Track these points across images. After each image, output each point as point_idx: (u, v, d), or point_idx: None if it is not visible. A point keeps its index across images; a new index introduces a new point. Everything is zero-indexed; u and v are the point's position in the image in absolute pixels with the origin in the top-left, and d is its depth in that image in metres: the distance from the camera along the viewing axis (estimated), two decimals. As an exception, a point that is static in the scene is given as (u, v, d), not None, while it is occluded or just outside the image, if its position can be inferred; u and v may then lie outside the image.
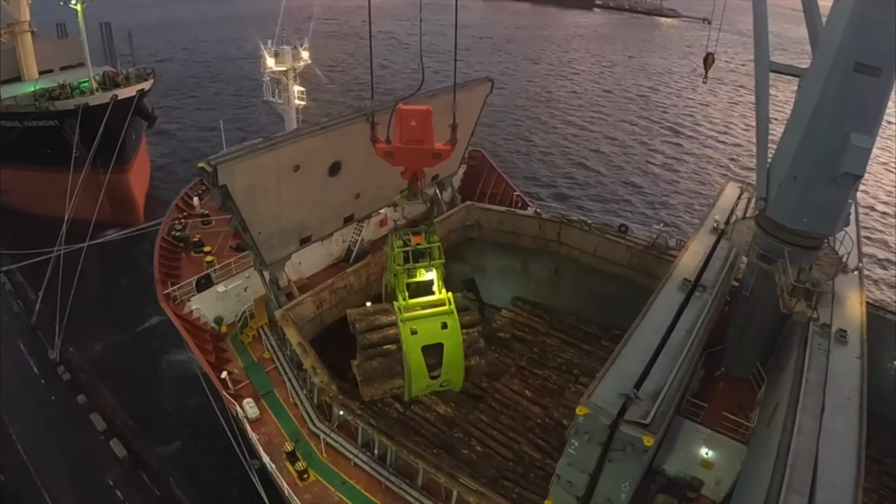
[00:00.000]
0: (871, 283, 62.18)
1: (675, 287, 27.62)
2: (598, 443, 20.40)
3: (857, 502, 17.93)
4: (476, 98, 41.13)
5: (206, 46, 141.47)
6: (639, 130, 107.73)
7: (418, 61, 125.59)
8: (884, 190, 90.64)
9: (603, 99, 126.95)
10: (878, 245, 73.90)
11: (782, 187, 26.02)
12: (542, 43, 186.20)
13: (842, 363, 23.77)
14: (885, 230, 79.22)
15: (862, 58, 22.52)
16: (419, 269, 21.60)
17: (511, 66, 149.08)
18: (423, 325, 21.35)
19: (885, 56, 22.39)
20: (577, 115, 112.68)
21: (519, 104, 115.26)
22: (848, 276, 29.20)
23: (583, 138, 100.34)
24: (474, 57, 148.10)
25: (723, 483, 25.93)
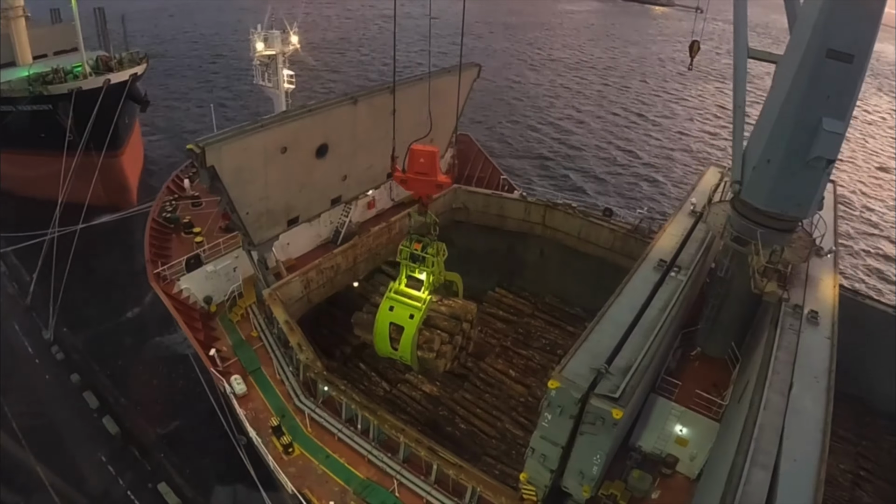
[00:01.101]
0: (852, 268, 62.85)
1: (650, 267, 27.86)
2: (569, 416, 20.71)
3: (819, 477, 18.14)
4: (463, 82, 41.08)
5: (199, 31, 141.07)
6: (627, 117, 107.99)
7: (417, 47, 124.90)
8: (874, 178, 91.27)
9: (592, 85, 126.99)
10: (860, 233, 74.44)
11: (756, 170, 26.21)
12: (535, 30, 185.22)
13: (812, 343, 24.00)
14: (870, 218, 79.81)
15: (834, 44, 22.62)
16: (416, 268, 25.15)
17: (502, 52, 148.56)
18: (399, 308, 25.05)
19: (857, 43, 22.53)
20: (567, 101, 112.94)
21: (509, 90, 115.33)
22: (823, 258, 29.51)
23: (571, 124, 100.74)
24: (467, 43, 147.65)
25: (697, 460, 26.12)
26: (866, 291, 50.10)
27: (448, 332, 25.49)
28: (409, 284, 25.65)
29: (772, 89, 26.18)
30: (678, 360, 31.23)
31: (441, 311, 25.85)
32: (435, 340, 24.93)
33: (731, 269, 29.33)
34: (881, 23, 22.54)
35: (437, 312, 25.76)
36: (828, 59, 22.85)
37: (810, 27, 23.12)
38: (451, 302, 26.74)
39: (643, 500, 25.35)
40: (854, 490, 29.64)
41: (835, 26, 22.51)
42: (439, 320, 25.60)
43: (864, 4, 22.15)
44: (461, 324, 26.14)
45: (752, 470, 17.97)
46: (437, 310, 25.76)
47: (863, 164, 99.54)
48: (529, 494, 23.19)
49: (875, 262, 68.54)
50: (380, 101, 33.86)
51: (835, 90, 23.35)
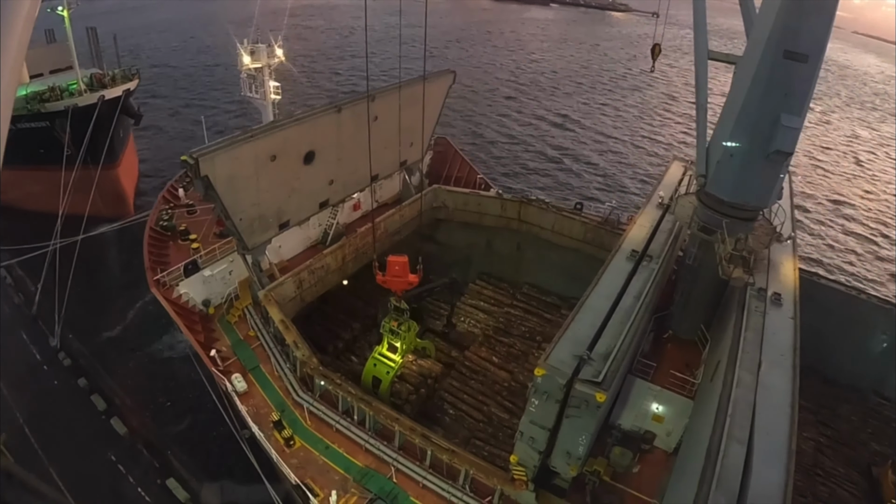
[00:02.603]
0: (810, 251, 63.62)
1: (623, 258, 27.79)
2: (555, 401, 20.62)
3: (791, 448, 18.22)
4: (439, 89, 41.08)
5: (188, 46, 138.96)
6: (592, 116, 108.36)
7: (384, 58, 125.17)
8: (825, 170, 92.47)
9: (560, 87, 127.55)
10: (813, 219, 75.54)
11: (720, 164, 26.27)
12: (504, 37, 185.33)
13: (777, 323, 24.11)
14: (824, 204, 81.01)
15: (790, 45, 22.76)
16: (394, 339, 31.18)
17: (475, 58, 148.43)
18: (380, 365, 31.30)
19: (811, 44, 22.69)
20: (537, 102, 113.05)
21: (483, 94, 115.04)
22: (783, 244, 29.56)
23: (542, 124, 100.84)
24: (441, 50, 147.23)
25: (673, 435, 26.30)
26: (821, 272, 50.56)
27: (415, 385, 31.08)
28: (389, 349, 31.33)
29: (732, 88, 26.18)
30: (652, 343, 31.32)
31: (412, 370, 31.73)
32: (403, 392, 30.60)
33: (698, 257, 29.42)
34: (833, 26, 22.74)
35: (409, 370, 31.63)
36: (785, 60, 23.00)
37: (767, 30, 23.24)
38: (423, 362, 32.54)
39: (625, 475, 25.51)
40: (817, 456, 30.04)
41: (790, 29, 22.66)
42: (410, 377, 31.33)
43: (817, 9, 22.30)
44: (427, 380, 31.80)
45: (728, 444, 17.98)
46: (410, 368, 31.71)
47: (815, 156, 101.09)
48: (520, 475, 23.12)
49: (827, 246, 69.65)
50: (362, 108, 33.72)
51: (791, 88, 23.49)
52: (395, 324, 30.67)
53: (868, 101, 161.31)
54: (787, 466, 17.55)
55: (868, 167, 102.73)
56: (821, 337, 32.21)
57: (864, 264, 66.83)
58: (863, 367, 33.27)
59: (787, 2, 22.47)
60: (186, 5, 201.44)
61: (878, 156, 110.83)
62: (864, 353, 33.02)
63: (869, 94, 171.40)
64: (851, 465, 30.15)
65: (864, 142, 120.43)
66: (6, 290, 47.71)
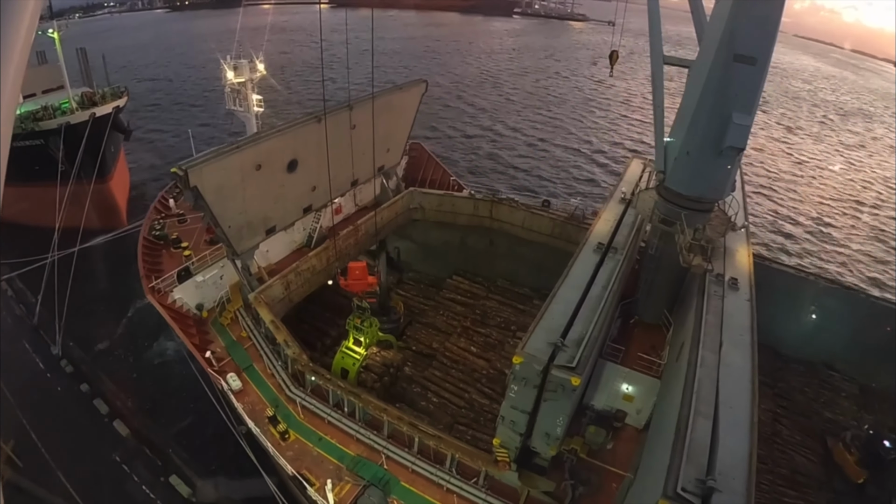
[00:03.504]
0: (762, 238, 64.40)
1: (591, 250, 27.74)
2: (533, 386, 20.49)
3: (753, 420, 18.29)
4: (412, 97, 40.82)
5: (174, 63, 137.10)
6: (557, 118, 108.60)
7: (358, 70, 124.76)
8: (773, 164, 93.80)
9: (525, 93, 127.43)
10: (765, 208, 76.65)
11: (677, 161, 26.46)
12: (471, 46, 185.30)
13: (735, 306, 24.25)
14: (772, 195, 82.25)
15: (740, 49, 22.97)
16: (357, 334, 31.79)
17: (445, 66, 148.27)
18: (347, 357, 31.58)
19: (759, 47, 22.93)
20: (504, 109, 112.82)
21: (454, 101, 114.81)
22: (737, 233, 29.76)
23: (509, 129, 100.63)
24: (410, 61, 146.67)
25: (642, 412, 26.34)
26: (771, 256, 51.24)
27: (379, 374, 31.30)
28: (354, 342, 31.89)
29: (687, 90, 26.32)
30: (620, 328, 31.41)
31: (376, 360, 31.92)
32: (368, 381, 30.84)
33: (660, 247, 29.54)
34: (779, 31, 22.96)
35: (373, 361, 31.82)
36: (735, 63, 23.21)
37: (718, 36, 23.40)
38: (385, 353, 32.53)
39: (600, 452, 25.54)
40: (775, 425, 30.41)
41: (740, 35, 22.88)
42: (374, 367, 31.55)
43: (764, 16, 22.49)
44: (389, 369, 32.04)
45: (695, 419, 17.99)
46: (374, 359, 31.89)
47: (763, 151, 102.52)
48: (503, 456, 22.99)
49: (777, 232, 70.71)
50: (341, 118, 33.48)
51: (742, 88, 23.69)
52: (358, 321, 31.20)
53: (805, 98, 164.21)
54: (750, 437, 17.61)
55: (803, 155, 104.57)
56: (774, 316, 32.66)
57: (812, 248, 67.95)
58: (813, 342, 33.69)
59: (735, 9, 22.67)
60: (172, 25, 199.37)
61: (813, 146, 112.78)
62: (815, 330, 33.45)
63: (805, 91, 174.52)
64: (806, 433, 30.54)
65: (801, 130, 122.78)
66: (8, 302, 46.59)
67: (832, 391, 33.06)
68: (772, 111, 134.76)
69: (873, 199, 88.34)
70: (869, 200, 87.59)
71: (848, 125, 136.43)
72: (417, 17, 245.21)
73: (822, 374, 33.90)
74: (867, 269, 65.02)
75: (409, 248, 42.56)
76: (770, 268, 34.02)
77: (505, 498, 23.37)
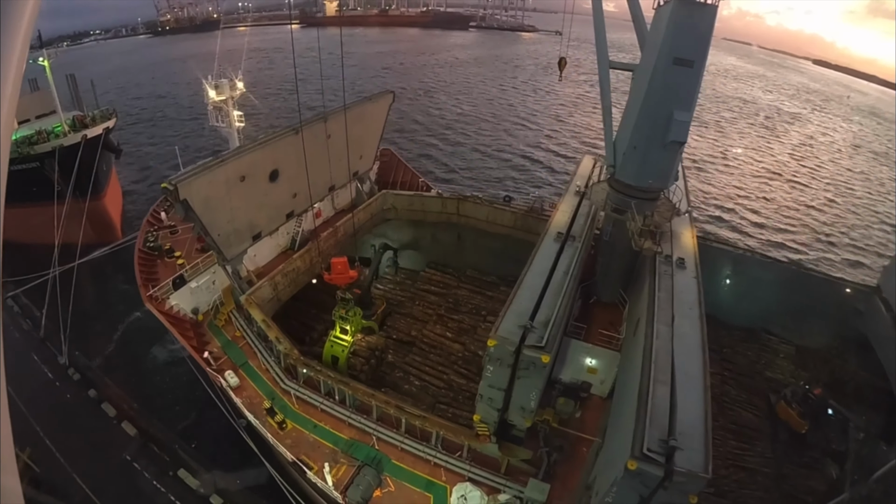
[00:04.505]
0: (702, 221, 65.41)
1: (551, 239, 27.72)
2: (507, 365, 20.45)
3: (706, 384, 18.51)
4: (381, 108, 40.55)
5: (159, 85, 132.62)
6: (512, 122, 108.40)
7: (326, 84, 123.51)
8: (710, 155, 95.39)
9: (483, 99, 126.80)
10: (703, 194, 77.94)
11: (625, 156, 26.55)
12: (434, 57, 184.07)
13: (683, 283, 24.50)
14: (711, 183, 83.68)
15: (678, 53, 23.18)
16: (343, 323, 31.21)
17: (411, 76, 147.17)
18: (335, 345, 30.84)
19: (695, 51, 23.19)
20: (466, 115, 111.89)
21: (420, 109, 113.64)
22: (681, 217, 30.07)
23: (471, 132, 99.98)
24: (379, 73, 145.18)
25: (605, 383, 26.65)
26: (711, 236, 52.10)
27: (366, 358, 30.89)
28: (341, 331, 31.30)
29: (632, 91, 26.43)
30: (581, 309, 31.43)
31: (362, 346, 31.40)
32: (357, 365, 30.42)
33: (613, 234, 29.67)
34: (712, 36, 23.20)
35: (360, 347, 31.30)
36: (674, 66, 23.37)
37: (658, 42, 23.58)
38: (370, 339, 32.09)
39: (569, 420, 25.79)
40: (723, 386, 30.88)
41: (678, 40, 23.08)
42: (361, 352, 31.09)
43: (699, 23, 22.71)
44: (375, 352, 31.68)
45: (655, 386, 18.10)
46: (360, 345, 31.37)
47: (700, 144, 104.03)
48: (483, 430, 23.00)
49: (714, 215, 71.97)
50: (317, 129, 33.07)
51: (681, 89, 23.88)
52: (343, 311, 30.95)
53: (730, 94, 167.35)
54: (704, 399, 17.77)
55: (732, 142, 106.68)
56: (718, 290, 33.16)
57: (743, 225, 69.36)
58: (752, 311, 34.26)
59: (674, 18, 22.85)
60: (156, 50, 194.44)
61: (737, 137, 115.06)
62: (753, 300, 34.01)
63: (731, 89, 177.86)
64: (751, 392, 31.09)
65: (727, 121, 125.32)
66: (14, 317, 44.86)
67: (771, 353, 33.72)
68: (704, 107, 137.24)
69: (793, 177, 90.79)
70: (790, 177, 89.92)
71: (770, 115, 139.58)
72: (382, 33, 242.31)
73: (762, 338, 34.54)
74: (793, 243, 66.67)
75: (383, 243, 42.32)
76: (712, 247, 34.52)
77: (487, 468, 23.44)
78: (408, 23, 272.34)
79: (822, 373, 31.98)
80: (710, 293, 24.81)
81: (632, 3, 26.54)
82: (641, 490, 16.00)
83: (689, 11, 22.58)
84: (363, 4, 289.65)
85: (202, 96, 36.53)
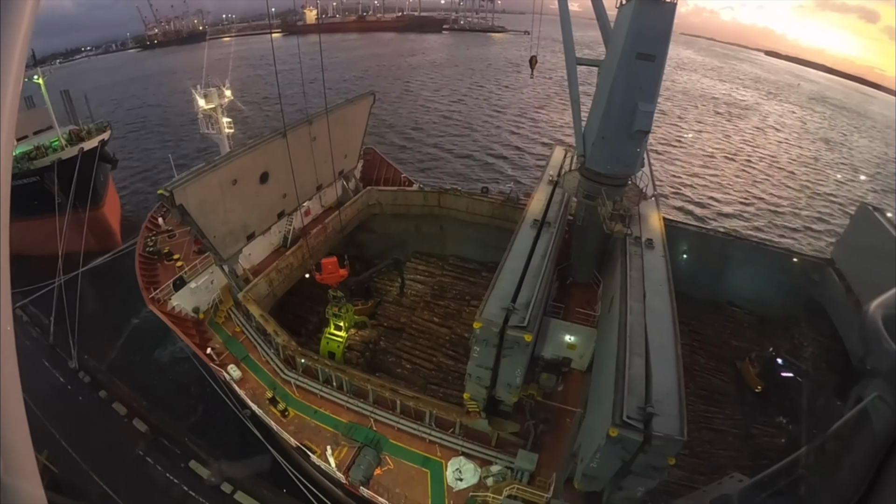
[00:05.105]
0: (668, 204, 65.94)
1: (528, 226, 27.76)
2: (493, 345, 20.50)
3: (678, 353, 18.72)
4: (362, 109, 40.19)
5: (150, 95, 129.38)
6: (487, 118, 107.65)
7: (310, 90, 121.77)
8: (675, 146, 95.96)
9: (458, 97, 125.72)
10: (668, 179, 78.53)
11: (594, 146, 26.55)
12: (412, 59, 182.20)
13: (652, 262, 24.69)
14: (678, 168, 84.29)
15: (641, 49, 23.18)
16: (337, 320, 31.19)
17: (391, 76, 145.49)
18: (331, 341, 30.77)
19: (656, 46, 23.18)
20: (443, 112, 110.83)
21: (400, 108, 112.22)
22: (648, 201, 30.27)
23: (448, 129, 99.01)
24: (359, 75, 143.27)
25: (584, 357, 26.83)
26: (677, 218, 52.53)
27: (360, 351, 30.76)
28: (335, 328, 31.24)
29: (598, 85, 26.39)
30: (558, 289, 31.61)
31: (356, 340, 31.37)
32: (353, 359, 30.24)
33: (586, 219, 29.76)
34: (672, 32, 23.22)
35: (354, 341, 31.25)
36: (637, 60, 23.36)
37: (622, 39, 23.52)
38: (363, 333, 32.09)
39: (552, 393, 26.02)
40: (693, 356, 31.21)
41: (640, 37, 23.06)
42: (356, 346, 31.02)
43: (659, 20, 22.71)
44: (368, 345, 31.57)
45: (631, 358, 18.27)
46: (354, 339, 31.35)
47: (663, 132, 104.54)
48: (473, 407, 23.09)
49: (678, 198, 72.61)
50: (302, 132, 32.70)
51: (645, 81, 23.86)
52: (335, 309, 30.87)
53: (688, 85, 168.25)
54: (677, 369, 17.98)
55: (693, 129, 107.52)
56: (685, 267, 33.43)
57: (708, 207, 70.08)
58: (717, 285, 34.65)
59: (636, 15, 22.84)
60: (145, 63, 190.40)
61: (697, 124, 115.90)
62: (717, 275, 34.40)
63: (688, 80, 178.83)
64: (719, 360, 31.55)
65: (685, 110, 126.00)
66: (24, 326, 43.93)
67: (736, 323, 34.18)
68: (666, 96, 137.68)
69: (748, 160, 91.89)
70: (745, 160, 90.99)
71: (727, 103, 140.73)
72: (361, 38, 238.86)
73: (726, 310, 34.99)
74: (752, 219, 67.56)
75: (372, 238, 42.05)
76: (677, 227, 34.79)
77: (479, 442, 23.56)
78: (384, 28, 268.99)
79: (783, 339, 32.52)
80: (677, 270, 24.98)
81: (596, 2, 26.47)
82: (623, 455, 16.21)
83: (650, 9, 22.56)
84: (341, 12, 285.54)
85: (192, 104, 35.84)
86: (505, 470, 22.51)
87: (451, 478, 22.72)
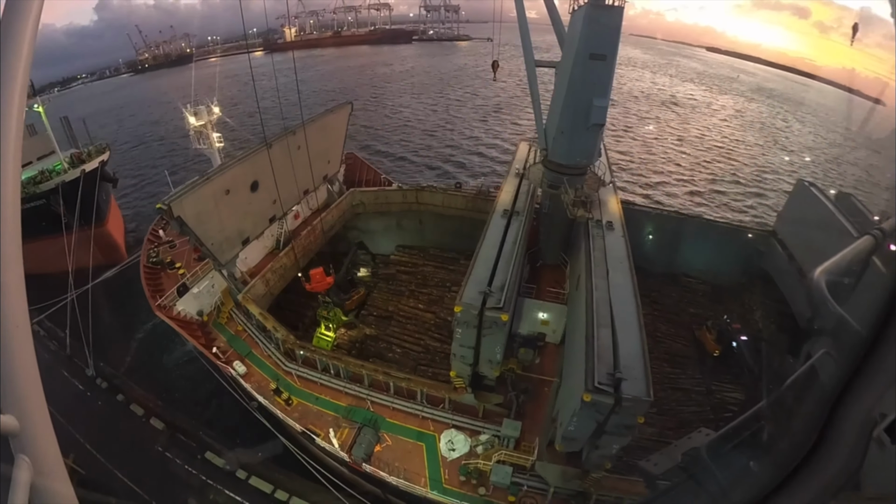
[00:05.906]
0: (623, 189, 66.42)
1: (499, 216, 27.75)
2: (473, 326, 20.54)
3: (640, 323, 18.92)
4: (341, 117, 39.79)
5: (145, 116, 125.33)
6: (456, 119, 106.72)
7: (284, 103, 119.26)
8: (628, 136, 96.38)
9: (429, 101, 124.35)
10: (625, 165, 79.09)
11: (555, 139, 26.51)
12: (387, 68, 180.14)
13: (613, 242, 24.87)
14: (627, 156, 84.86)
15: (593, 49, 23.11)
16: (327, 322, 31.57)
17: (366, 87, 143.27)
18: (321, 341, 30.69)
19: (607, 47, 23.13)
20: (415, 116, 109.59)
21: (376, 116, 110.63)
22: (607, 187, 30.42)
23: (421, 131, 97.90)
24: (337, 86, 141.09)
25: (557, 332, 27.01)
26: (633, 200, 52.98)
27: (348, 350, 30.47)
28: (325, 329, 31.40)
29: (556, 84, 26.27)
30: (530, 272, 31.73)
31: (345, 339, 31.36)
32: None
33: (551, 206, 29.80)
34: (620, 34, 23.23)
35: (343, 340, 31.24)
36: (590, 60, 23.29)
37: (576, 41, 23.40)
38: (351, 332, 32.14)
39: (531, 366, 26.15)
40: (654, 324, 31.47)
41: (592, 39, 22.96)
42: (344, 345, 30.97)
43: (609, 23, 22.68)
44: (356, 343, 31.51)
45: (599, 330, 18.40)
46: (342, 339, 31.40)
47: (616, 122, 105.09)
48: (459, 384, 23.17)
49: (635, 183, 73.19)
50: (286, 142, 32.35)
51: (598, 79, 23.79)
52: (325, 312, 31.27)
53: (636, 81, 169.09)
54: (640, 337, 18.16)
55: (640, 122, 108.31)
56: (642, 245, 33.72)
57: (660, 189, 70.79)
58: (672, 259, 35.04)
59: (587, 19, 22.76)
60: (138, 86, 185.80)
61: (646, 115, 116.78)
62: (672, 250, 34.79)
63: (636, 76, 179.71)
64: (678, 326, 31.94)
65: (636, 102, 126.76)
66: (41, 340, 42.90)
67: (692, 293, 34.63)
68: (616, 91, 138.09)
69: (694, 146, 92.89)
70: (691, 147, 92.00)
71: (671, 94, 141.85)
72: (337, 52, 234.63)
73: (682, 281, 35.41)
74: (699, 199, 68.49)
75: (356, 236, 41.78)
76: (634, 209, 35.08)
77: (467, 415, 23.67)
78: (359, 41, 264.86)
79: (734, 305, 33.03)
80: (636, 248, 25.20)
81: (550, 8, 26.34)
82: (597, 417, 16.40)
83: (600, 13, 22.52)
84: (318, 28, 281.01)
85: (184, 123, 35.04)
86: (492, 438, 22.64)
87: (445, 449, 22.81)
